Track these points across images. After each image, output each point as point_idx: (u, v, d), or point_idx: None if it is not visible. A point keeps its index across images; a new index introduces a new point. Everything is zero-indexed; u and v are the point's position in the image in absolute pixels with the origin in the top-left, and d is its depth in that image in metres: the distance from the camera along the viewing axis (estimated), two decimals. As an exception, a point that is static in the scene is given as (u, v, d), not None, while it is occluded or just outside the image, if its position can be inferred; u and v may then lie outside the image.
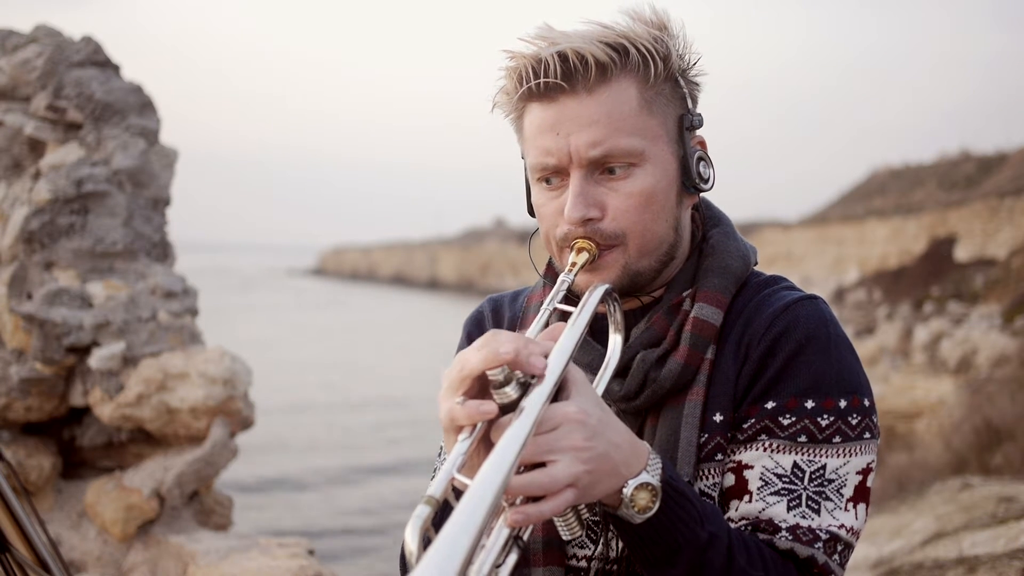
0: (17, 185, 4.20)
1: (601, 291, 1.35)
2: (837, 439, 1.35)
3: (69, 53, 4.19)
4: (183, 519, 4.07)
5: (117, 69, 4.33)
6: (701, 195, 1.50)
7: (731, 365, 1.40)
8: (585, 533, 1.42)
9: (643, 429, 1.43)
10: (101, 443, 4.22)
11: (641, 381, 1.41)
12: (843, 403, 1.36)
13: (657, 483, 1.21)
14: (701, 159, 1.45)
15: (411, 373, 29.14)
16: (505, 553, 1.11)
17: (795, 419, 1.35)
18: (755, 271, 1.51)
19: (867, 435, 1.37)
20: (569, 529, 1.20)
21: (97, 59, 4.26)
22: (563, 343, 1.22)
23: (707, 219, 1.54)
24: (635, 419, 1.44)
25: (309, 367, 30.72)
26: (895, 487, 8.63)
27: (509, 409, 1.14)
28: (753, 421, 1.37)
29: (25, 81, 4.19)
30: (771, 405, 1.37)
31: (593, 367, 1.39)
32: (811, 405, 1.35)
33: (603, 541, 1.41)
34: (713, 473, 1.38)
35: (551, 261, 1.54)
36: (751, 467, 1.36)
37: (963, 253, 33.79)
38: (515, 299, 1.67)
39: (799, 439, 1.35)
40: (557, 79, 1.35)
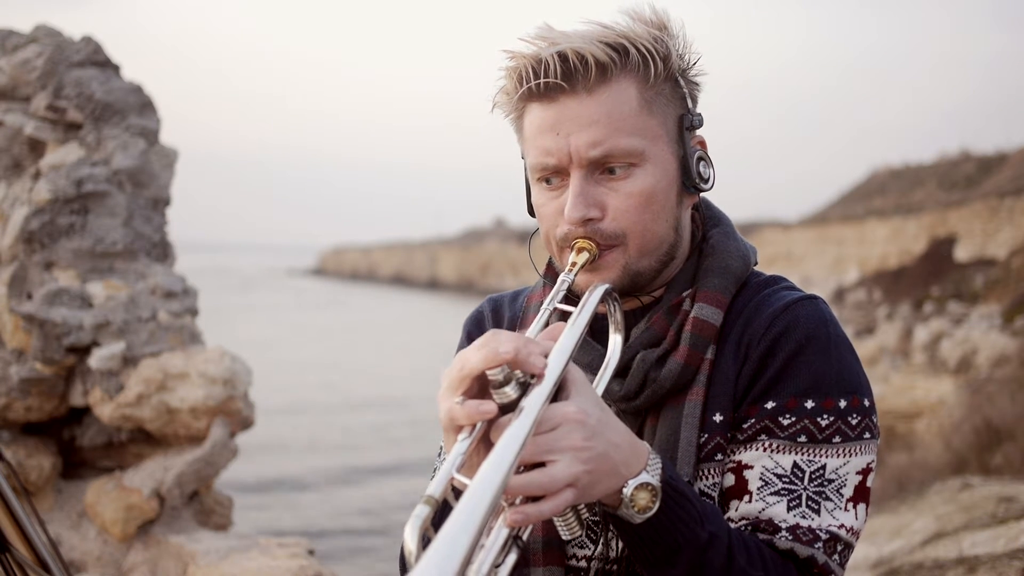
0: (17, 185, 4.20)
1: (601, 291, 1.35)
2: (837, 439, 1.35)
3: (69, 53, 4.19)
4: (183, 519, 4.07)
5: (117, 69, 4.33)
6: (701, 195, 1.50)
7: (731, 365, 1.40)
8: (585, 533, 1.42)
9: (643, 429, 1.43)
10: (101, 443, 4.22)
11: (641, 381, 1.41)
12: (843, 403, 1.36)
13: (657, 483, 1.21)
14: (701, 159, 1.45)
15: (411, 373, 29.13)
16: (504, 553, 1.11)
17: (795, 419, 1.35)
18: (755, 271, 1.51)
19: (867, 435, 1.37)
20: (569, 529, 1.20)
21: (97, 59, 4.26)
22: (563, 343, 1.22)
23: (707, 219, 1.54)
24: (635, 419, 1.44)
25: (309, 367, 30.72)
26: (895, 487, 8.63)
27: (509, 409, 1.14)
28: (753, 421, 1.38)
29: (25, 81, 4.19)
30: (771, 405, 1.37)
31: (593, 367, 1.39)
32: (811, 405, 1.35)
33: (603, 541, 1.41)
34: (713, 473, 1.38)
35: (551, 261, 1.54)
36: (751, 467, 1.36)
37: (963, 253, 33.78)
38: (515, 299, 1.67)
39: (799, 439, 1.35)
40: (557, 79, 1.35)
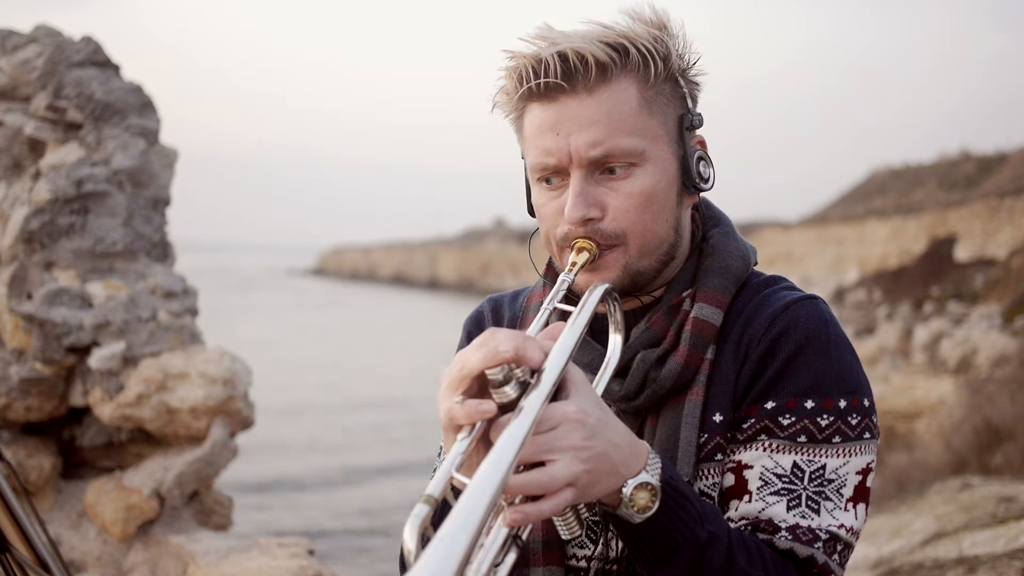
0: (17, 185, 4.20)
1: (601, 291, 1.35)
2: (837, 439, 1.35)
3: (69, 53, 4.19)
4: (183, 519, 4.07)
5: (117, 69, 4.33)
6: (701, 195, 1.50)
7: (731, 365, 1.40)
8: (585, 533, 1.42)
9: (643, 429, 1.43)
10: (101, 443, 4.22)
11: (641, 381, 1.41)
12: (843, 403, 1.36)
13: (656, 483, 1.21)
14: (701, 159, 1.44)
15: (411, 373, 29.12)
16: (504, 552, 1.11)
17: (795, 419, 1.35)
18: (755, 271, 1.51)
19: (867, 435, 1.37)
20: (568, 529, 1.20)
21: (97, 59, 4.26)
22: (563, 342, 1.22)
23: (707, 219, 1.54)
24: (635, 419, 1.44)
25: (309, 367, 30.71)
26: (895, 487, 8.63)
27: (508, 408, 1.14)
28: (753, 421, 1.37)
29: (25, 81, 4.19)
30: (771, 405, 1.37)
31: (593, 367, 1.39)
32: (811, 405, 1.35)
33: (603, 541, 1.40)
34: (713, 473, 1.38)
35: (551, 261, 1.54)
36: (751, 467, 1.36)
37: (963, 253, 33.78)
38: (515, 299, 1.67)
39: (799, 439, 1.35)
40: (557, 79, 1.35)
